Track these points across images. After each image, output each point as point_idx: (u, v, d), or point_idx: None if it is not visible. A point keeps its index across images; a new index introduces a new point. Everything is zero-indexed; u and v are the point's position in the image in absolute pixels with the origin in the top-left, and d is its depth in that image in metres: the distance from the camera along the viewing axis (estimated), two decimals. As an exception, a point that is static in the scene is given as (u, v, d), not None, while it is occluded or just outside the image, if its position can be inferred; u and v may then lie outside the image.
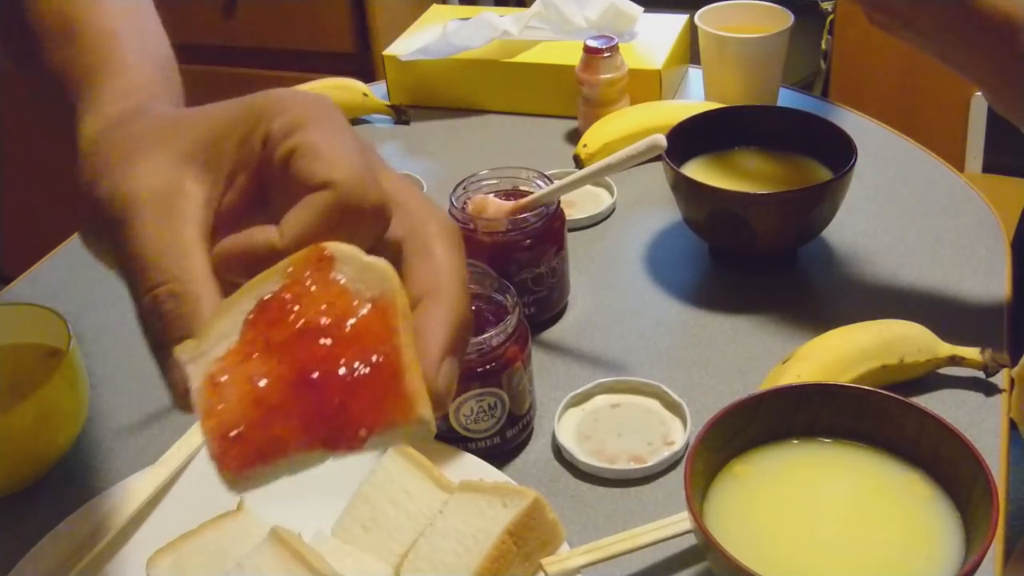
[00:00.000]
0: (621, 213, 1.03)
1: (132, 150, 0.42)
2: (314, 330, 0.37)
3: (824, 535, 0.61)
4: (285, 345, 0.37)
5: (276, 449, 0.36)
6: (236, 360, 0.37)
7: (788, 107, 1.03)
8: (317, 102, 0.42)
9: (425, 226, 0.41)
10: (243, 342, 0.37)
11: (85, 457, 0.78)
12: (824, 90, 2.13)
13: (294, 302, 0.37)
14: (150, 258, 0.39)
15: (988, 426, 0.74)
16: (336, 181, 0.39)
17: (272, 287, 0.38)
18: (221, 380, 0.36)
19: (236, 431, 0.36)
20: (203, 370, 0.37)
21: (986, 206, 0.99)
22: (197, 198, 0.41)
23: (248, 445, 0.35)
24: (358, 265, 0.38)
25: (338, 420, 0.36)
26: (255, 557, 0.62)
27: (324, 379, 0.36)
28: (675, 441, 0.74)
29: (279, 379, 0.36)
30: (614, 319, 0.88)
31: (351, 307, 0.37)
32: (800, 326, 0.85)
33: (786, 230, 0.88)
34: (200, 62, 2.23)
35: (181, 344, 0.38)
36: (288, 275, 0.38)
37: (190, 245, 0.40)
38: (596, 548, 0.64)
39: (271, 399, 0.36)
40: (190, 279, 0.39)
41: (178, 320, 0.38)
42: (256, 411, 0.36)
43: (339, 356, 0.36)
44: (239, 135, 0.41)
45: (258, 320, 0.37)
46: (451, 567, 0.63)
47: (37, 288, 0.99)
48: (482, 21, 1.20)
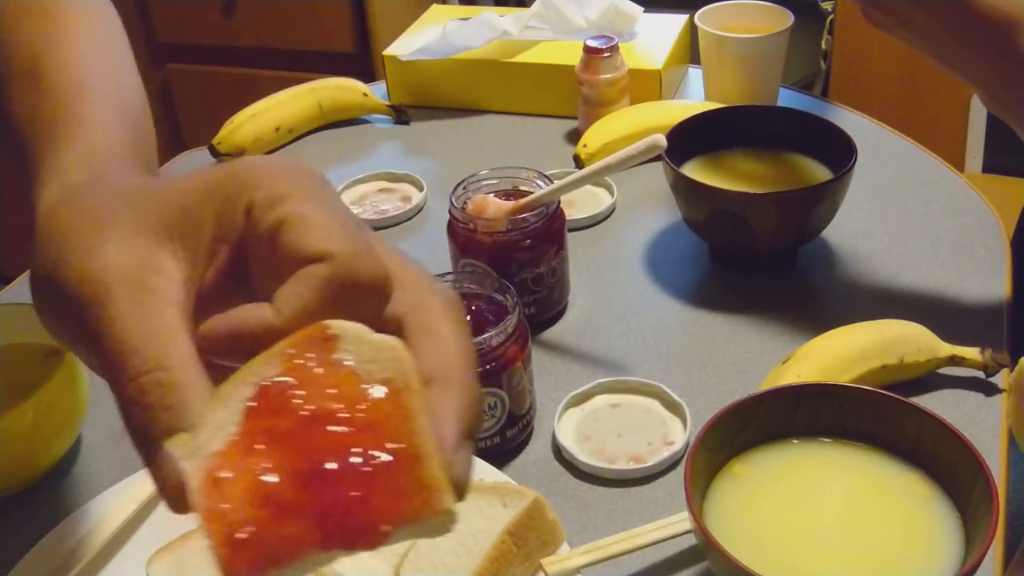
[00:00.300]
0: (621, 213, 1.03)
1: (98, 224, 0.39)
2: (323, 417, 0.34)
3: (824, 535, 0.61)
4: (292, 435, 0.33)
5: (290, 552, 0.32)
6: (238, 453, 0.33)
7: (788, 107, 1.03)
8: (301, 170, 0.39)
9: (426, 302, 0.39)
10: (244, 433, 0.34)
11: (85, 457, 0.78)
12: (824, 90, 2.13)
13: (298, 387, 0.34)
14: (130, 345, 0.35)
15: (988, 426, 0.74)
16: (333, 253, 0.36)
17: (272, 371, 0.34)
18: (222, 476, 0.33)
19: (244, 534, 0.32)
20: (201, 466, 0.33)
21: (986, 206, 0.99)
22: (175, 276, 0.38)
23: (258, 549, 0.32)
24: (366, 344, 0.35)
25: (357, 516, 0.33)
26: (255, 557, 0.62)
27: (339, 471, 0.33)
28: (675, 441, 0.74)
29: (288, 473, 0.33)
30: (614, 319, 0.88)
31: (361, 391, 0.34)
32: (800, 326, 0.85)
33: (786, 230, 0.88)
34: (200, 62, 2.23)
35: (173, 438, 0.34)
36: (288, 357, 0.35)
37: (173, 329, 0.36)
38: (596, 548, 0.64)
39: (281, 496, 0.32)
40: (176, 366, 0.35)
41: (166, 412, 0.35)
42: (265, 510, 0.32)
43: (353, 445, 0.33)
44: (216, 206, 0.38)
45: (260, 408, 0.34)
46: (451, 567, 0.63)
47: (37, 288, 0.99)
48: (482, 21, 1.20)
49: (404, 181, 1.09)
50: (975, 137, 2.07)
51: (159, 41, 2.23)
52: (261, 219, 0.38)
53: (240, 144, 1.15)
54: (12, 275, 1.04)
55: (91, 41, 0.54)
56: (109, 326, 0.36)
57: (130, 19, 0.61)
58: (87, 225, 0.39)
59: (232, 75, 2.22)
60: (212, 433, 0.34)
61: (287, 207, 0.37)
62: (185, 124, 2.29)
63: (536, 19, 1.21)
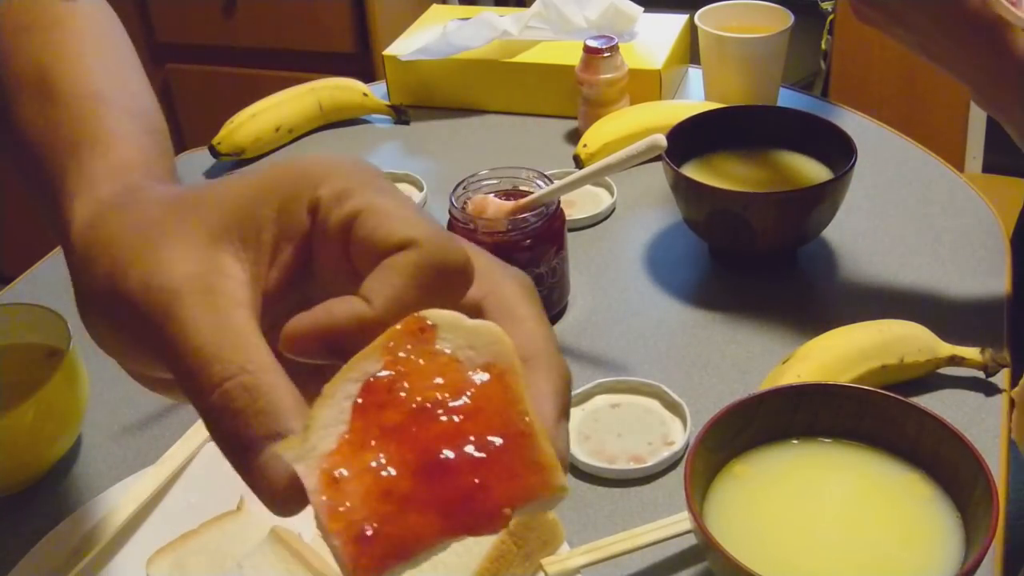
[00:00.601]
0: (621, 213, 1.03)
1: (155, 234, 0.38)
2: (432, 408, 0.33)
3: (824, 535, 0.61)
4: (403, 428, 0.33)
5: (416, 543, 0.32)
6: (352, 451, 0.33)
7: (788, 107, 1.03)
8: (360, 164, 0.39)
9: (502, 286, 0.38)
10: (355, 430, 0.33)
11: (85, 457, 0.78)
12: (824, 90, 2.14)
13: (403, 380, 0.34)
14: (208, 351, 0.35)
15: (988, 426, 0.74)
16: (419, 239, 0.35)
17: (375, 366, 0.34)
18: (339, 475, 0.33)
19: (370, 530, 0.32)
20: (315, 467, 0.33)
21: (986, 206, 0.99)
22: (240, 278, 0.37)
23: (385, 543, 0.32)
24: (463, 331, 0.35)
25: (478, 502, 0.33)
26: (255, 557, 0.62)
27: (455, 459, 0.33)
28: (675, 441, 0.74)
29: (405, 466, 0.33)
30: (614, 319, 0.88)
31: (466, 377, 0.34)
32: (800, 326, 0.85)
33: (786, 230, 0.88)
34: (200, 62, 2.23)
35: (283, 442, 0.33)
36: (389, 351, 0.34)
37: (248, 332, 0.36)
38: (596, 548, 0.65)
39: (401, 489, 0.33)
40: (258, 368, 0.35)
41: (256, 416, 0.34)
42: (387, 505, 0.32)
43: (465, 432, 0.33)
44: (276, 206, 0.37)
45: (367, 404, 0.34)
46: (451, 567, 0.63)
47: (37, 288, 0.99)
48: (482, 21, 1.20)
49: (404, 181, 1.09)
50: (975, 137, 2.07)
51: (159, 41, 2.23)
52: (330, 215, 0.37)
53: (240, 144, 1.15)
54: (12, 275, 1.04)
55: (100, 51, 0.53)
56: (183, 335, 0.35)
57: (130, 19, 0.61)
58: (143, 236, 0.38)
59: (232, 75, 2.22)
60: (322, 433, 0.33)
61: (357, 200, 0.37)
62: (185, 124, 2.29)
63: (536, 19, 1.21)
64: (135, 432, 0.81)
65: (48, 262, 1.03)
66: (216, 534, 0.67)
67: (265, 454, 0.34)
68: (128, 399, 0.84)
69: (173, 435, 0.76)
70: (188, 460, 0.73)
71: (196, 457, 0.74)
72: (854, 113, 1.17)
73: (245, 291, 0.37)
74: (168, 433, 0.79)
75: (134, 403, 0.83)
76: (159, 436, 0.79)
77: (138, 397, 0.84)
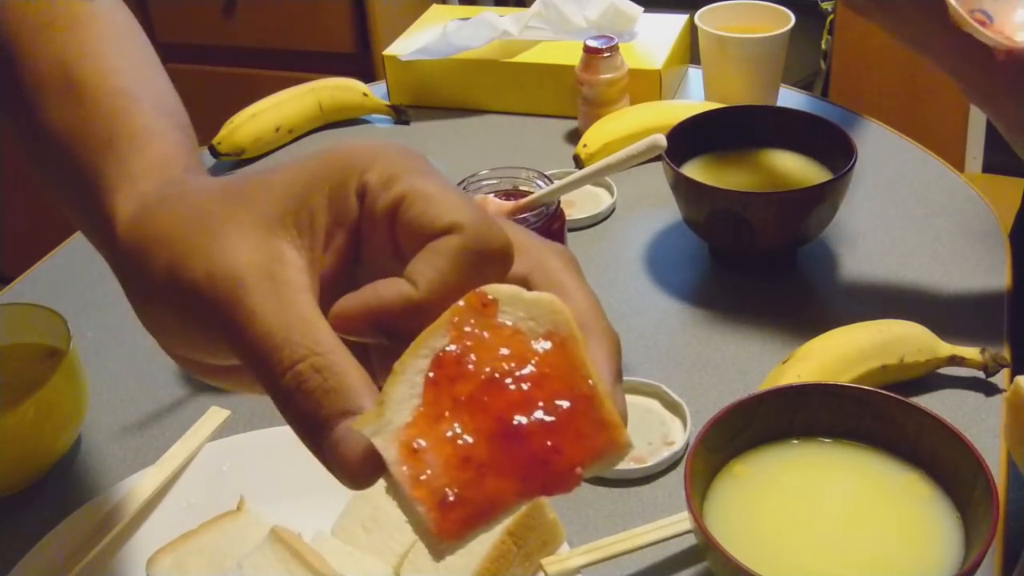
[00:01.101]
0: (621, 213, 1.03)
1: (212, 224, 0.39)
2: (501, 378, 0.36)
3: (824, 535, 0.61)
4: (475, 399, 0.35)
5: (495, 506, 0.35)
6: (427, 423, 0.35)
7: (788, 107, 1.03)
8: (405, 149, 0.40)
9: (546, 261, 0.40)
10: (428, 403, 0.35)
11: (85, 457, 0.78)
12: (824, 90, 2.14)
13: (470, 352, 0.36)
14: (278, 336, 0.36)
15: (988, 426, 0.74)
16: (463, 223, 0.37)
17: (442, 342, 0.36)
18: (418, 446, 0.35)
19: (452, 496, 0.34)
20: (393, 440, 0.35)
21: (986, 206, 0.99)
22: (299, 265, 0.38)
23: (466, 508, 0.34)
24: (522, 303, 0.37)
25: (552, 463, 0.35)
26: (255, 557, 0.62)
27: (527, 425, 0.35)
28: (675, 441, 0.74)
29: (480, 434, 0.35)
30: (614, 319, 0.87)
31: (530, 347, 0.36)
32: (800, 326, 0.84)
33: (786, 230, 0.88)
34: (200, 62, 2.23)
35: (360, 418, 0.35)
36: (455, 326, 0.36)
37: (313, 316, 0.37)
38: (596, 548, 0.65)
39: (479, 456, 0.35)
40: (327, 350, 0.36)
41: (328, 395, 0.36)
42: (467, 471, 0.34)
43: (534, 398, 0.35)
44: (327, 192, 0.39)
45: (439, 378, 0.35)
46: (451, 567, 0.63)
47: (37, 288, 0.99)
48: (482, 21, 1.20)
49: (404, 181, 1.09)
50: (975, 137, 2.07)
51: (159, 41, 2.22)
52: (377, 199, 0.38)
53: (240, 144, 1.15)
54: (12, 275, 1.04)
55: (123, 50, 0.53)
56: (251, 320, 0.37)
57: (130, 19, 0.61)
58: (200, 226, 0.39)
59: (232, 75, 2.22)
60: (396, 408, 0.35)
61: (403, 185, 0.38)
62: (185, 124, 2.29)
63: (536, 19, 1.21)
64: (135, 432, 0.81)
65: (48, 262, 1.03)
66: (216, 534, 0.67)
67: (339, 430, 0.35)
68: (128, 399, 0.84)
69: (173, 435, 0.76)
70: (188, 460, 0.73)
71: (196, 457, 0.74)
72: (854, 113, 1.17)
73: (304, 277, 0.38)
74: (168, 433, 0.79)
75: (134, 403, 0.83)
76: (159, 436, 0.79)
77: (138, 397, 0.84)
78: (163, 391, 0.84)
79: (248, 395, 0.44)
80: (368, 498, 0.68)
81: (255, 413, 0.79)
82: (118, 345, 0.89)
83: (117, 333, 0.91)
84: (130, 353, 0.88)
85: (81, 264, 1.01)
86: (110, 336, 0.90)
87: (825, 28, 2.09)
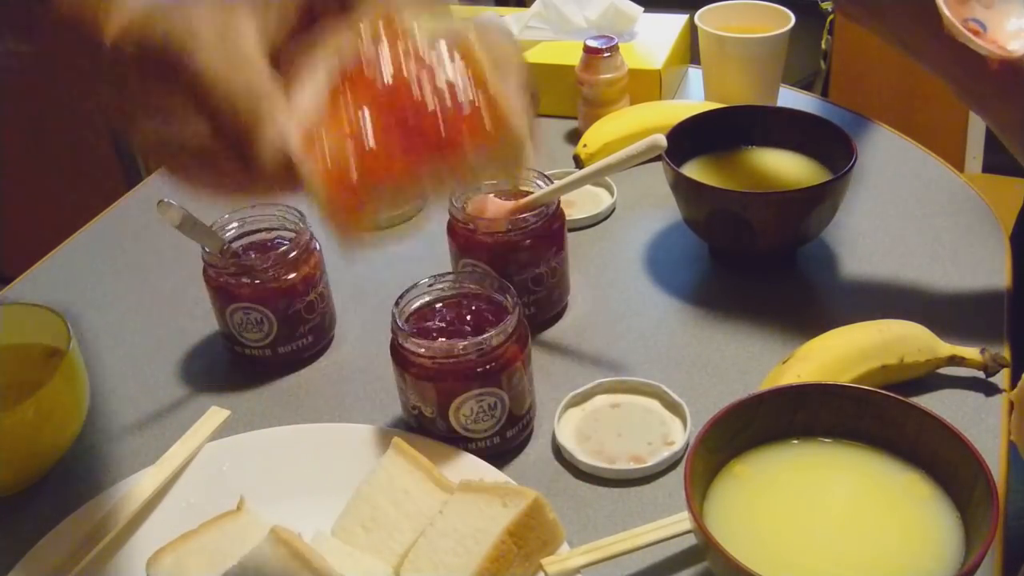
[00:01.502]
0: (621, 213, 1.03)
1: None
2: (400, 81, 0.39)
3: (824, 535, 0.61)
4: (378, 98, 0.39)
5: (383, 176, 0.39)
6: (330, 119, 0.39)
7: (788, 107, 1.03)
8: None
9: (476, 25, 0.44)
10: (335, 104, 0.39)
11: (85, 457, 0.78)
12: (824, 90, 2.14)
13: (376, 61, 0.40)
14: (220, 71, 0.41)
15: (988, 426, 0.74)
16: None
17: (350, 50, 0.40)
18: (319, 134, 0.39)
19: (342, 172, 0.38)
20: (297, 128, 0.39)
21: (986, 206, 0.99)
22: (249, 26, 0.43)
23: (357, 181, 0.38)
24: (430, 23, 0.41)
25: (443, 145, 0.39)
26: (255, 557, 0.62)
27: (425, 113, 0.39)
28: (675, 441, 0.74)
29: (378, 124, 0.39)
30: (614, 319, 0.88)
31: (431, 55, 0.40)
32: (800, 326, 0.85)
33: (786, 230, 0.88)
34: None
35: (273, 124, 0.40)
36: (360, 35, 0.40)
37: (252, 55, 0.42)
38: (596, 548, 0.64)
39: (376, 140, 0.39)
40: (262, 80, 0.41)
41: (259, 101, 0.40)
42: (361, 153, 0.39)
43: (435, 94, 0.39)
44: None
45: (347, 80, 0.40)
46: (451, 567, 0.63)
47: (37, 288, 0.99)
48: (482, 21, 1.20)
49: (404, 181, 1.09)
50: (975, 137, 2.07)
51: None
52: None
53: None
54: (12, 275, 1.04)
55: None
56: (201, 62, 0.41)
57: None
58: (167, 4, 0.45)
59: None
60: (303, 108, 0.40)
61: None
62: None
63: (536, 19, 1.21)
64: (135, 432, 0.81)
65: (48, 262, 1.03)
66: (216, 534, 0.67)
67: (267, 132, 0.40)
68: (128, 399, 0.84)
69: (173, 435, 0.76)
70: (188, 460, 0.73)
71: (196, 457, 0.74)
72: (854, 113, 1.17)
73: (253, 33, 0.43)
74: (168, 433, 0.79)
75: (134, 403, 0.83)
76: (159, 436, 0.79)
77: (138, 397, 0.84)
78: (163, 391, 0.84)
79: None
80: (368, 498, 0.68)
81: (255, 413, 0.79)
82: (118, 345, 0.89)
83: (117, 333, 0.91)
84: (130, 353, 0.88)
85: (81, 264, 1.01)
86: (110, 336, 0.90)
87: (825, 28, 2.09)
